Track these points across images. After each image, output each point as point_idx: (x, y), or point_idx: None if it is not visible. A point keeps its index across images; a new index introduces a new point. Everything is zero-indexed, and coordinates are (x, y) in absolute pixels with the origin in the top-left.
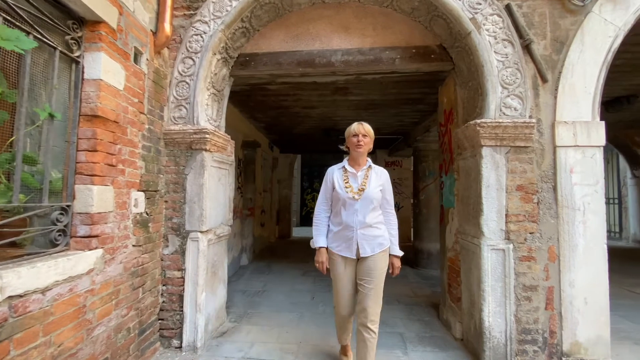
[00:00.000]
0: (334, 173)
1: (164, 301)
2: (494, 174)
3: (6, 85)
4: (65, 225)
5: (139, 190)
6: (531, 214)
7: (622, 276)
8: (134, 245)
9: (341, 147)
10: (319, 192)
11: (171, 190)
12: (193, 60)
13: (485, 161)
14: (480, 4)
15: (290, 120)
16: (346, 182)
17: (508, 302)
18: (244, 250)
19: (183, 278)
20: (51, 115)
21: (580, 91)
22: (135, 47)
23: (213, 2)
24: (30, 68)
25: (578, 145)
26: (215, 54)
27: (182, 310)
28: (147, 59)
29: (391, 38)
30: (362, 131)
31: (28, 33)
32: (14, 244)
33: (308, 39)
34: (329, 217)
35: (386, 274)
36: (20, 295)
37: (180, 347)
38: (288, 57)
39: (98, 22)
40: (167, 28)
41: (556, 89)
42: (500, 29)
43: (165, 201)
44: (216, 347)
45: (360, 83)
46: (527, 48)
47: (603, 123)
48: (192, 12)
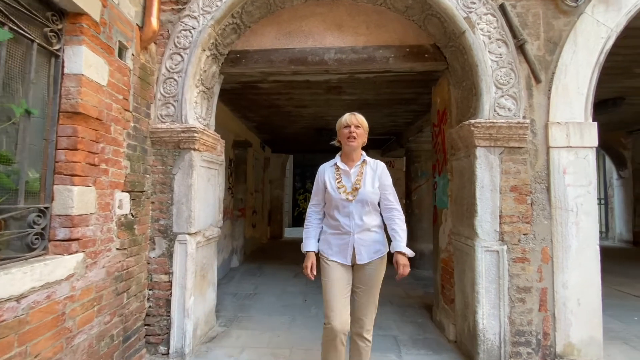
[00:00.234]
0: (326, 171)
1: (150, 306)
2: (488, 175)
3: None
4: (43, 228)
5: (123, 191)
6: (525, 215)
7: (610, 275)
8: (118, 249)
9: (332, 143)
10: (311, 193)
11: (158, 190)
12: (181, 56)
13: (480, 162)
14: (475, 3)
15: (282, 119)
16: (338, 182)
17: (502, 304)
18: (235, 251)
19: (170, 282)
20: (28, 112)
21: (573, 92)
22: (119, 42)
23: None
24: (6, 61)
25: (571, 146)
26: (204, 51)
27: (170, 316)
28: (133, 54)
29: (385, 37)
30: (355, 122)
31: (3, 24)
32: None
33: (301, 36)
34: (322, 219)
35: (393, 278)
36: None
37: (167, 354)
38: (280, 55)
39: (80, 14)
40: (154, 23)
41: (549, 90)
42: (495, 28)
43: (152, 202)
44: (205, 353)
45: (353, 82)
46: (521, 48)
47: (595, 124)
48: (181, 7)
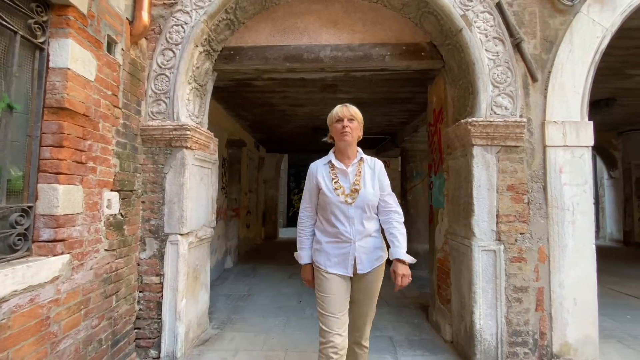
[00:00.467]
0: (319, 170)
1: (140, 309)
2: (485, 174)
3: None
4: (26, 229)
5: (112, 190)
6: (522, 214)
7: (602, 274)
8: (106, 250)
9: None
10: None
11: (149, 190)
12: (173, 52)
13: (476, 161)
14: (472, 1)
15: (277, 118)
16: (335, 182)
17: (499, 304)
18: (229, 252)
19: (161, 284)
20: (10, 107)
21: (570, 91)
22: (108, 35)
23: None
24: None
25: (567, 145)
26: (197, 46)
27: (161, 318)
28: (123, 49)
29: (381, 34)
30: (348, 114)
31: None
32: None
33: (296, 33)
34: (315, 224)
35: (389, 279)
36: None
37: (158, 358)
38: (275, 52)
39: (66, 6)
40: (145, 17)
41: (546, 89)
42: (492, 26)
43: (143, 202)
44: (197, 357)
45: (349, 80)
46: (518, 47)
47: (591, 123)
48: (173, 1)
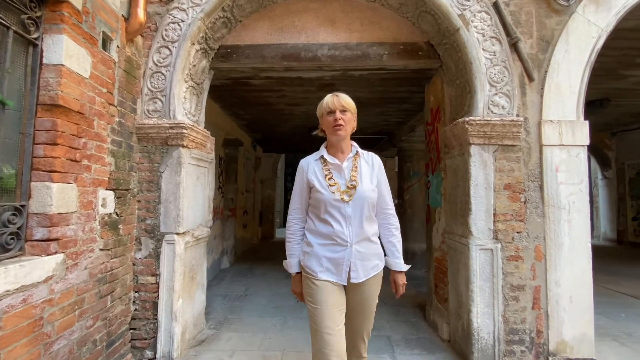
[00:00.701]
0: (310, 166)
1: (136, 309)
2: (482, 173)
3: None
4: (19, 228)
5: (107, 189)
6: (518, 213)
7: (596, 273)
8: (101, 249)
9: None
10: None
11: (144, 189)
12: (170, 50)
13: (474, 159)
14: (469, 0)
15: (274, 117)
16: (329, 178)
17: (496, 303)
18: (225, 252)
19: (157, 284)
20: (3, 103)
21: (566, 90)
22: (103, 32)
23: None
24: None
25: (563, 145)
26: (193, 44)
27: (157, 319)
28: (118, 46)
29: (378, 34)
30: (339, 105)
31: None
32: None
33: (293, 32)
34: (306, 226)
35: (387, 280)
36: None
37: (154, 358)
38: (272, 50)
39: (60, 2)
40: (141, 14)
41: (542, 88)
42: (489, 26)
43: (138, 201)
44: (194, 357)
45: (346, 79)
46: (515, 46)
47: (587, 122)
48: None
